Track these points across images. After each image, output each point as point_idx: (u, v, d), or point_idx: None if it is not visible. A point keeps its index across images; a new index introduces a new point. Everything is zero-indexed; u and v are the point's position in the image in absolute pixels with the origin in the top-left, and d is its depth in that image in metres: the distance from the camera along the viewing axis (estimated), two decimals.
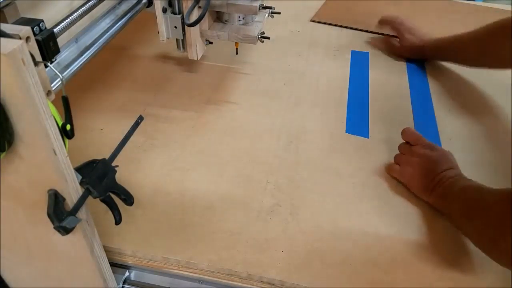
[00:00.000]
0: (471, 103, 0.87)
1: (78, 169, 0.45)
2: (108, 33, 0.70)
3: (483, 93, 0.89)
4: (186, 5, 0.73)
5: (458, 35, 0.85)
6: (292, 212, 0.65)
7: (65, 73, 0.60)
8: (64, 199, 0.42)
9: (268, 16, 0.79)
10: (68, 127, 0.41)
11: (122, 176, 0.65)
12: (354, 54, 1.00)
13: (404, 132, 0.72)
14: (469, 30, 0.83)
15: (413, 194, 0.67)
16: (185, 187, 0.69)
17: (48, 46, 0.47)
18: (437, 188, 0.63)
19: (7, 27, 0.37)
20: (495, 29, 0.77)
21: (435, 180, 0.64)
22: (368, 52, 1.01)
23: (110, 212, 0.52)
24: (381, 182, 0.70)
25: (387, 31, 1.03)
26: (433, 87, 0.91)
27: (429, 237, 0.62)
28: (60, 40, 0.55)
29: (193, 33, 0.77)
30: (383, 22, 1.03)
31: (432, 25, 1.10)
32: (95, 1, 0.64)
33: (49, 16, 0.62)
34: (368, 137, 0.78)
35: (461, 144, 0.77)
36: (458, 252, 0.60)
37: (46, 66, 0.46)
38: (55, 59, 0.58)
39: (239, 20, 0.79)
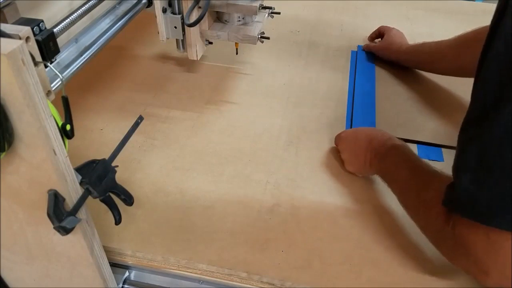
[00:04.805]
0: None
1: (78, 169, 0.45)
2: (108, 33, 0.70)
3: None
4: (186, 5, 0.73)
5: (434, 43, 0.84)
6: (292, 212, 0.65)
7: (65, 73, 0.60)
8: (64, 199, 0.42)
9: (268, 16, 0.79)
10: (68, 127, 0.41)
11: (122, 176, 0.65)
12: (354, 54, 1.00)
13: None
14: (448, 38, 0.82)
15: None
16: (185, 187, 0.69)
17: (48, 46, 0.47)
18: (373, 159, 0.66)
19: (7, 27, 0.37)
20: (471, 37, 0.76)
21: (369, 154, 0.67)
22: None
23: (110, 212, 0.52)
24: (381, 182, 0.70)
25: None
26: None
27: None
28: (60, 40, 0.55)
29: (193, 33, 0.77)
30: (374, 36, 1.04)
31: (433, 27, 1.11)
32: (95, 1, 0.64)
33: (49, 16, 0.62)
34: None
35: None
36: None
37: (46, 66, 0.46)
38: (55, 59, 0.58)
39: (239, 20, 0.79)
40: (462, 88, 0.90)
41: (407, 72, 0.94)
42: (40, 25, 0.47)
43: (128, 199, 0.52)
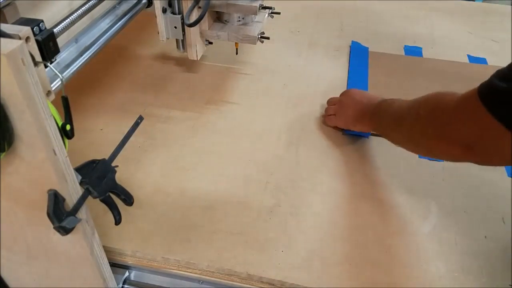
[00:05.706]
0: None
1: (78, 169, 0.45)
2: (108, 33, 0.70)
3: None
4: (186, 5, 0.73)
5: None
6: (292, 212, 0.65)
7: (65, 73, 0.60)
8: (64, 199, 0.42)
9: (268, 16, 0.79)
10: (68, 127, 0.41)
11: (122, 176, 0.65)
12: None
13: (329, 101, 0.83)
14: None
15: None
16: (185, 187, 0.69)
17: (48, 46, 0.47)
18: (369, 114, 0.69)
19: (7, 27, 0.37)
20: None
21: (366, 109, 0.71)
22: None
23: (110, 212, 0.52)
24: (381, 181, 0.70)
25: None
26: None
27: (430, 237, 0.62)
28: (60, 40, 0.55)
29: (193, 33, 0.77)
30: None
31: (433, 27, 1.11)
32: (95, 1, 0.64)
33: (49, 16, 0.62)
34: (367, 137, 0.78)
35: None
36: (459, 252, 0.60)
37: (46, 66, 0.46)
38: (55, 59, 0.58)
39: (239, 20, 0.79)
40: (455, 86, 0.90)
41: (401, 69, 0.94)
42: (40, 25, 0.47)
43: (128, 199, 0.52)
